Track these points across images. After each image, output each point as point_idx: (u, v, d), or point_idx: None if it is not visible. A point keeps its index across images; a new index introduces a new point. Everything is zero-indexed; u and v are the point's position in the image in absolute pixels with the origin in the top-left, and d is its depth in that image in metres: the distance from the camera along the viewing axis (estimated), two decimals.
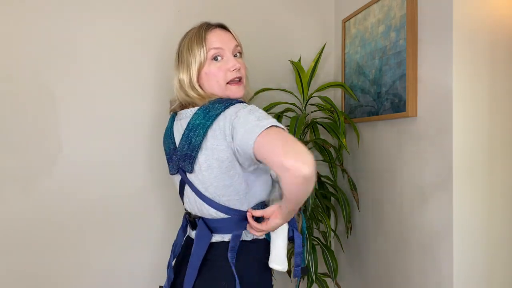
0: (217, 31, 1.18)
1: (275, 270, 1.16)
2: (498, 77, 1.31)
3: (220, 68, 1.15)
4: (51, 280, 1.66)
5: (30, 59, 1.63)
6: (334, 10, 2.05)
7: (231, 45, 1.18)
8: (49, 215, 1.65)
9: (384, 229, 1.67)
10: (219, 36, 1.17)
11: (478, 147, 1.31)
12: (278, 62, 1.96)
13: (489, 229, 1.32)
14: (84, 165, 1.68)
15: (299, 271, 1.18)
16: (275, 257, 1.16)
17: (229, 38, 1.18)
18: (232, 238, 1.13)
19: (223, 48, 1.16)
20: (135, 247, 1.77)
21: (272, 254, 1.16)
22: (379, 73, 1.63)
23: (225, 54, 1.16)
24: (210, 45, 1.15)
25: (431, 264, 1.40)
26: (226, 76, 1.15)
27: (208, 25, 1.19)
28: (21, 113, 1.62)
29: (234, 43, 1.19)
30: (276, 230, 1.14)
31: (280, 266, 1.14)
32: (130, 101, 1.74)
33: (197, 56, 1.15)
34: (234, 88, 1.16)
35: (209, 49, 1.15)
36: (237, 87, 1.17)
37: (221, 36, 1.17)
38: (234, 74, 1.16)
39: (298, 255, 1.17)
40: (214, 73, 1.15)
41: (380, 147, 1.69)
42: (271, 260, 1.16)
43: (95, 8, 1.70)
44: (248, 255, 1.15)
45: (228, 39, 1.18)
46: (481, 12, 1.29)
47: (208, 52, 1.15)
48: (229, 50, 1.17)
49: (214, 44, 1.15)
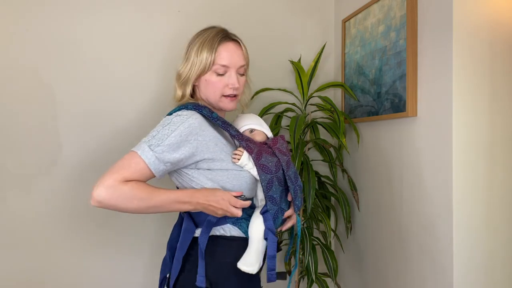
0: (230, 46, 1.20)
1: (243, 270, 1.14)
2: (498, 77, 1.31)
3: (221, 81, 1.20)
4: (51, 280, 1.66)
5: (30, 59, 1.63)
6: (334, 10, 2.04)
7: (238, 64, 1.21)
8: (49, 215, 1.65)
9: (384, 229, 1.67)
10: (230, 52, 1.20)
11: (478, 147, 1.30)
12: (278, 62, 1.96)
13: (489, 229, 1.32)
14: (84, 165, 1.68)
15: (273, 276, 1.15)
16: (243, 258, 1.15)
17: (239, 57, 1.22)
18: (205, 223, 1.16)
19: (230, 66, 1.20)
20: (135, 247, 1.77)
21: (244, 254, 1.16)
22: (379, 73, 1.63)
23: (229, 71, 1.21)
24: (219, 60, 1.18)
25: (430, 264, 1.40)
26: (223, 90, 1.21)
27: (224, 35, 1.21)
28: (21, 113, 1.62)
29: (242, 63, 1.22)
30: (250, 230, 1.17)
31: (247, 267, 1.13)
32: (131, 101, 1.74)
33: (203, 62, 1.18)
34: (227, 101, 1.22)
35: (216, 63, 1.18)
36: (230, 101, 1.22)
37: (231, 53, 1.20)
38: (230, 91, 1.21)
39: (271, 259, 1.15)
40: (214, 84, 1.20)
41: (380, 147, 1.69)
42: (239, 260, 1.15)
43: (95, 8, 1.70)
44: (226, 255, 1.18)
45: (238, 57, 1.21)
46: (481, 12, 1.29)
47: (214, 64, 1.19)
48: (235, 68, 1.21)
49: (222, 61, 1.19)
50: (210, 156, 1.15)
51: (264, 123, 1.33)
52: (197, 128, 1.13)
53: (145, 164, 1.07)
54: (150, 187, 1.08)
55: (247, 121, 1.30)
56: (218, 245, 1.18)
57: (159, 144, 1.08)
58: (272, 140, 1.27)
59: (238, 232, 1.19)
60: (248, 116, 1.33)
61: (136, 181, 1.06)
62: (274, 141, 1.26)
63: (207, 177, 1.16)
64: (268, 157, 1.19)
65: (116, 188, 1.02)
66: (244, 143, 1.19)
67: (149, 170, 1.08)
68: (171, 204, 1.10)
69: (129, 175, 1.05)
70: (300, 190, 1.27)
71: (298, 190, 1.25)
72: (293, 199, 1.24)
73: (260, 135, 1.29)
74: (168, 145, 1.09)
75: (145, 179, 1.09)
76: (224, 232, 1.19)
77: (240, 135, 1.22)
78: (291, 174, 1.22)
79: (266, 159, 1.18)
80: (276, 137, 1.29)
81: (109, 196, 1.01)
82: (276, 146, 1.24)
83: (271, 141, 1.27)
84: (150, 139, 1.10)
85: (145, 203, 1.05)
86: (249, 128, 1.29)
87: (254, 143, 1.22)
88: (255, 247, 1.15)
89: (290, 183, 1.22)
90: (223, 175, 1.17)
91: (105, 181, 1.02)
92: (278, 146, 1.24)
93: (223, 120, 1.22)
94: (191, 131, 1.12)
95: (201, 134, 1.13)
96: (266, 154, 1.19)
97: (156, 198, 1.07)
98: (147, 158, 1.07)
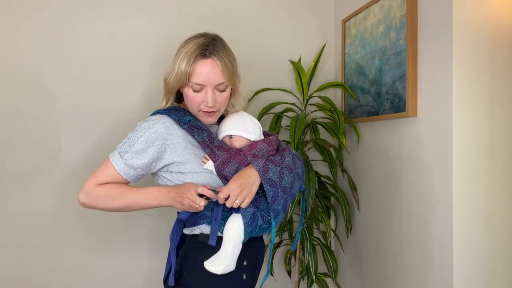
0: (206, 64, 1.15)
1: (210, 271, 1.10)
2: (498, 77, 1.31)
3: (197, 97, 1.18)
4: (50, 280, 1.66)
5: (30, 59, 1.63)
6: (334, 10, 2.04)
7: (214, 83, 1.17)
8: (49, 215, 1.65)
9: (384, 229, 1.67)
10: (206, 71, 1.16)
11: (478, 147, 1.30)
12: (278, 62, 1.96)
13: (489, 229, 1.32)
14: (84, 165, 1.68)
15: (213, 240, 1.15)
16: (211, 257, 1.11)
17: (215, 75, 1.16)
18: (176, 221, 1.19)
19: (205, 85, 1.17)
20: (135, 247, 1.77)
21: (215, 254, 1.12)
22: (379, 73, 1.63)
23: (205, 88, 1.18)
24: (193, 78, 1.16)
25: (430, 264, 1.40)
26: (199, 106, 1.19)
27: (201, 52, 1.16)
28: (21, 113, 1.62)
29: (219, 81, 1.17)
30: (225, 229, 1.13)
31: (212, 267, 1.09)
32: (131, 101, 1.74)
33: (182, 76, 1.17)
34: (205, 116, 1.22)
35: (191, 80, 1.16)
36: (207, 117, 1.21)
37: (206, 71, 1.16)
38: (206, 108, 1.19)
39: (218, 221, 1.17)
40: (191, 99, 1.20)
41: (380, 147, 1.69)
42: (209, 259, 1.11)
43: (95, 8, 1.70)
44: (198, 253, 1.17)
45: (214, 76, 1.16)
46: (481, 12, 1.29)
47: (190, 81, 1.17)
48: (211, 86, 1.17)
49: (196, 79, 1.16)
50: (179, 159, 1.17)
51: (249, 124, 1.25)
52: (163, 133, 1.16)
53: (115, 171, 1.16)
54: (123, 187, 1.17)
55: (227, 125, 1.24)
56: (193, 244, 1.20)
57: (127, 151, 1.16)
58: (249, 145, 1.20)
59: None
60: (231, 118, 1.26)
61: (110, 184, 1.16)
62: (251, 146, 1.20)
63: (179, 180, 1.19)
64: (234, 166, 1.15)
65: (92, 192, 1.15)
66: (209, 150, 1.17)
67: (120, 176, 1.17)
68: (145, 200, 1.16)
69: (103, 180, 1.16)
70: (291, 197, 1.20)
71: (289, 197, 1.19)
72: (270, 203, 1.14)
73: (239, 141, 1.22)
74: (135, 151, 1.15)
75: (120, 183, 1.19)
76: (200, 232, 1.19)
77: (208, 141, 1.18)
78: (273, 177, 1.15)
79: (231, 169, 1.14)
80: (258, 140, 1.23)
81: (86, 199, 1.16)
82: (251, 151, 1.18)
83: (248, 146, 1.20)
84: (121, 146, 1.18)
85: (119, 202, 1.16)
86: (228, 135, 1.23)
87: (225, 150, 1.18)
88: (226, 246, 1.11)
89: (270, 187, 1.14)
90: (193, 178, 1.18)
91: (84, 186, 1.17)
92: (254, 151, 1.18)
93: (191, 125, 1.19)
94: (157, 137, 1.16)
95: (168, 138, 1.16)
96: (234, 162, 1.15)
97: (128, 196, 1.15)
98: (117, 164, 1.16)
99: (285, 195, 1.18)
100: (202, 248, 1.17)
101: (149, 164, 1.17)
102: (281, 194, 1.16)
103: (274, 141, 1.24)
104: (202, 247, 1.17)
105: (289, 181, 1.19)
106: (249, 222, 1.12)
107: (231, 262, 1.10)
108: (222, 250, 1.11)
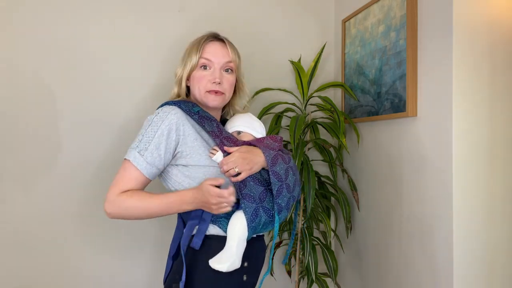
0: (215, 44, 1.26)
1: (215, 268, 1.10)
2: (498, 77, 1.31)
3: (204, 77, 1.24)
4: (50, 280, 1.66)
5: (30, 60, 1.63)
6: (334, 10, 2.04)
7: (222, 60, 1.25)
8: (49, 215, 1.65)
9: (384, 229, 1.67)
10: (215, 49, 1.25)
11: (478, 147, 1.31)
12: (278, 62, 1.96)
13: (489, 229, 1.32)
14: (84, 165, 1.68)
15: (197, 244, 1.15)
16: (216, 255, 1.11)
17: (224, 53, 1.26)
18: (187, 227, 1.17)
19: (213, 61, 1.24)
20: (136, 248, 1.77)
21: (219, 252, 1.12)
22: (379, 73, 1.63)
23: (213, 66, 1.24)
24: (202, 55, 1.24)
25: (430, 264, 1.40)
26: (206, 85, 1.23)
27: (210, 36, 1.28)
28: (21, 113, 1.62)
29: (227, 59, 1.26)
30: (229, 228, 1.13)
31: (217, 265, 1.09)
32: (131, 101, 1.74)
33: (192, 60, 1.25)
34: (211, 97, 1.24)
35: (201, 57, 1.24)
36: (214, 96, 1.24)
37: (216, 50, 1.25)
38: (213, 86, 1.23)
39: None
40: (198, 79, 1.24)
41: (380, 147, 1.69)
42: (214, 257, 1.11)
43: (95, 8, 1.70)
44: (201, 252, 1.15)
45: (222, 54, 1.25)
46: (481, 12, 1.29)
47: (200, 59, 1.24)
48: (219, 64, 1.24)
49: (205, 55, 1.24)
50: (187, 151, 1.16)
51: (257, 124, 1.30)
52: (176, 124, 1.16)
53: (138, 171, 1.13)
54: (149, 195, 1.14)
55: (237, 122, 1.29)
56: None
57: (146, 148, 1.14)
58: (256, 139, 1.24)
59: (217, 230, 1.17)
60: (240, 117, 1.31)
61: (133, 191, 1.13)
62: (258, 140, 1.24)
63: (184, 174, 1.18)
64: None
65: (116, 202, 1.12)
66: (219, 140, 1.17)
67: (144, 176, 1.14)
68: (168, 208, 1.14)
69: (126, 185, 1.13)
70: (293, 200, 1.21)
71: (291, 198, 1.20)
72: (275, 196, 1.15)
73: (247, 138, 1.26)
74: (154, 147, 1.14)
75: (141, 185, 1.16)
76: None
77: (217, 132, 1.19)
78: (280, 171, 1.17)
79: None
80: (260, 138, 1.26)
81: (113, 209, 1.13)
82: (263, 142, 1.22)
83: (256, 140, 1.24)
84: (138, 144, 1.15)
85: (147, 211, 1.13)
86: (237, 130, 1.27)
87: (233, 142, 1.19)
88: (229, 244, 1.11)
89: (276, 180, 1.15)
90: (199, 171, 1.16)
91: (108, 196, 1.13)
92: (265, 141, 1.23)
93: (201, 115, 1.20)
94: (171, 128, 1.15)
95: (180, 128, 1.17)
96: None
97: (155, 205, 1.13)
98: (139, 164, 1.13)
99: (289, 194, 1.19)
100: (202, 250, 1.15)
101: (169, 158, 1.16)
102: (285, 191, 1.18)
103: (279, 139, 1.28)
104: (202, 250, 1.15)
105: (292, 182, 1.21)
106: (251, 218, 1.12)
107: (236, 260, 1.11)
108: (227, 248, 1.12)
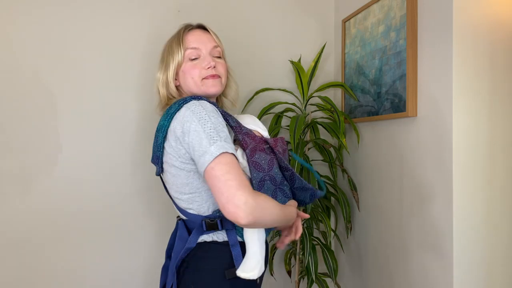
0: (196, 32, 1.20)
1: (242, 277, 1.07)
2: (498, 77, 1.31)
3: (196, 66, 1.16)
4: (50, 281, 1.66)
5: (30, 59, 1.63)
6: (334, 10, 2.05)
7: (209, 46, 1.19)
8: (49, 215, 1.65)
9: (384, 229, 1.67)
10: (197, 36, 1.19)
11: (478, 147, 1.31)
12: (278, 62, 1.96)
13: (489, 229, 1.32)
14: (84, 165, 1.68)
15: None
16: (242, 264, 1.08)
17: (208, 38, 1.20)
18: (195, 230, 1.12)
19: (200, 48, 1.18)
20: (134, 249, 1.77)
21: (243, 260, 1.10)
22: (379, 73, 1.63)
23: (202, 53, 1.18)
24: (187, 45, 1.17)
25: (430, 264, 1.40)
26: (201, 73, 1.16)
27: (187, 26, 1.22)
28: (21, 113, 1.62)
29: (213, 44, 1.20)
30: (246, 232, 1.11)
31: (247, 273, 1.06)
32: (131, 101, 1.74)
33: (175, 56, 1.17)
34: (210, 82, 1.16)
35: (186, 48, 1.17)
36: (212, 80, 1.17)
37: (199, 37, 1.19)
38: (208, 72, 1.16)
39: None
40: (189, 70, 1.16)
41: (380, 147, 1.69)
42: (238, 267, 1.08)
43: (95, 8, 1.70)
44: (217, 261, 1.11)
45: (207, 39, 1.20)
46: (481, 12, 1.29)
47: (185, 51, 1.17)
48: (206, 50, 1.18)
49: (191, 44, 1.17)
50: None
51: (261, 124, 1.31)
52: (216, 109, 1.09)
53: (235, 158, 1.01)
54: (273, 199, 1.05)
55: (246, 120, 1.29)
56: (209, 251, 1.12)
57: (226, 135, 1.03)
58: (273, 140, 1.25)
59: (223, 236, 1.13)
60: (247, 116, 1.32)
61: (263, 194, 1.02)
62: (275, 141, 1.24)
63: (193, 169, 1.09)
64: (262, 155, 1.13)
65: (258, 202, 0.96)
66: (241, 136, 1.14)
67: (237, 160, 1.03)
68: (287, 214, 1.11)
69: (245, 180, 0.98)
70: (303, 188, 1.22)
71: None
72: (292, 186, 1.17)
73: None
74: (223, 131, 1.03)
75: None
76: (216, 238, 1.13)
77: (239, 127, 1.16)
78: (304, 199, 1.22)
79: (260, 156, 1.13)
80: (276, 138, 1.27)
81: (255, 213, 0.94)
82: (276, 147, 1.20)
83: (273, 141, 1.24)
84: (215, 135, 1.01)
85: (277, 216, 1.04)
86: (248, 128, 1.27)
87: (252, 138, 1.17)
88: (252, 250, 1.09)
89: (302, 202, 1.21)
90: None
91: (238, 199, 0.93)
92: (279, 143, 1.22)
93: (223, 110, 1.17)
94: (217, 112, 1.08)
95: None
96: (260, 151, 1.14)
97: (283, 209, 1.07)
98: (232, 149, 1.01)
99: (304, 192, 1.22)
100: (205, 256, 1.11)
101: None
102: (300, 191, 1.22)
103: (286, 143, 1.28)
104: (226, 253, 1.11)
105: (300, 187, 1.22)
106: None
107: (262, 263, 1.10)
108: (251, 254, 1.09)
